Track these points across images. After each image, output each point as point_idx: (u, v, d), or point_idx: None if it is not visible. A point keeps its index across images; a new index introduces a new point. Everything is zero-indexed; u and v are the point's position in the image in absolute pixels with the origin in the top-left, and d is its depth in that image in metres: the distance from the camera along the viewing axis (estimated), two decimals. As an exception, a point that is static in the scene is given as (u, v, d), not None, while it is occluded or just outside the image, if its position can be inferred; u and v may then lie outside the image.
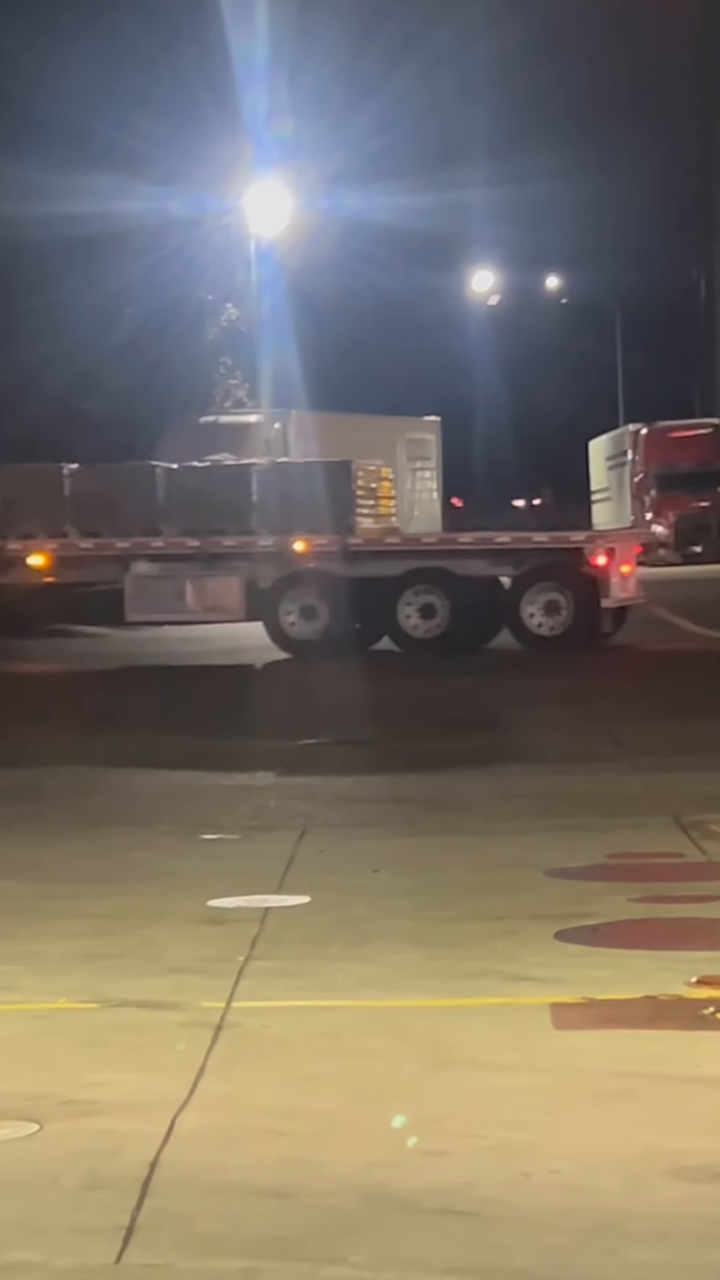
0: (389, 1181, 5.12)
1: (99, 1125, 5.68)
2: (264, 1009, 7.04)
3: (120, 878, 10.04)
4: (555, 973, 7.45)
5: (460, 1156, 5.30)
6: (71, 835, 11.53)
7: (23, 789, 13.74)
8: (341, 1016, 6.94)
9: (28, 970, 7.77)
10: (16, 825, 11.98)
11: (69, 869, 10.33)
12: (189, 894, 9.38)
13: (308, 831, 11.33)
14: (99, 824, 11.96)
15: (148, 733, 17.06)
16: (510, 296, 51.59)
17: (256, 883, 9.62)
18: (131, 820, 12.11)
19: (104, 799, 13.27)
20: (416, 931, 8.35)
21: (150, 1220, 4.86)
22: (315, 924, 8.64)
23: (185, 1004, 7.10)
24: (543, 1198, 4.94)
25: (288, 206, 37.98)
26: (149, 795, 13.45)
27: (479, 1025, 6.75)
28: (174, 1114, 5.72)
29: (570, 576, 23.47)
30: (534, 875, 9.63)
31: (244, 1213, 4.92)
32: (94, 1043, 6.65)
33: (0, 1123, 5.71)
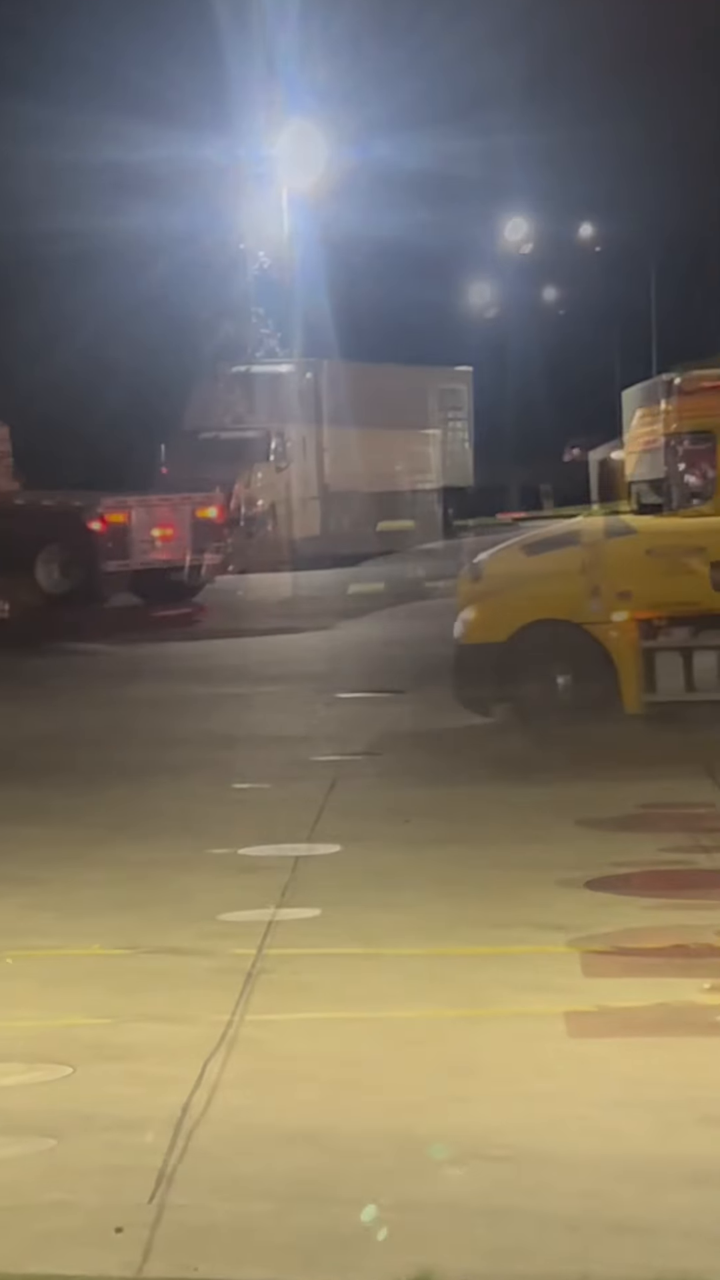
0: (418, 1126, 5.15)
1: (131, 1069, 5.73)
2: (295, 956, 7.08)
3: (154, 826, 10.09)
4: (586, 920, 7.47)
5: (489, 1103, 5.34)
6: (104, 783, 11.58)
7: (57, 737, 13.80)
8: (371, 964, 6.97)
9: (63, 916, 7.83)
10: (53, 772, 12.03)
11: (103, 816, 10.38)
12: (221, 842, 9.42)
13: (338, 780, 11.35)
14: (131, 771, 12.01)
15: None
16: (544, 244, 51.27)
17: (288, 831, 9.66)
18: (162, 767, 12.14)
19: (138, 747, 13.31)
20: (447, 880, 8.38)
21: (184, 1162, 4.90)
22: (346, 873, 8.67)
23: (217, 951, 7.14)
24: (573, 1143, 4.97)
25: (320, 154, 37.76)
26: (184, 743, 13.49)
27: (510, 972, 6.77)
28: (205, 1059, 5.76)
29: (72, 538, 24.37)
30: (564, 824, 9.65)
31: (275, 1155, 4.96)
32: (127, 988, 6.70)
33: (34, 1065, 5.76)
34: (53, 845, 9.46)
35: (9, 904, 8.09)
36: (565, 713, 15.99)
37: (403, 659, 18.40)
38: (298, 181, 37.30)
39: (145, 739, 13.68)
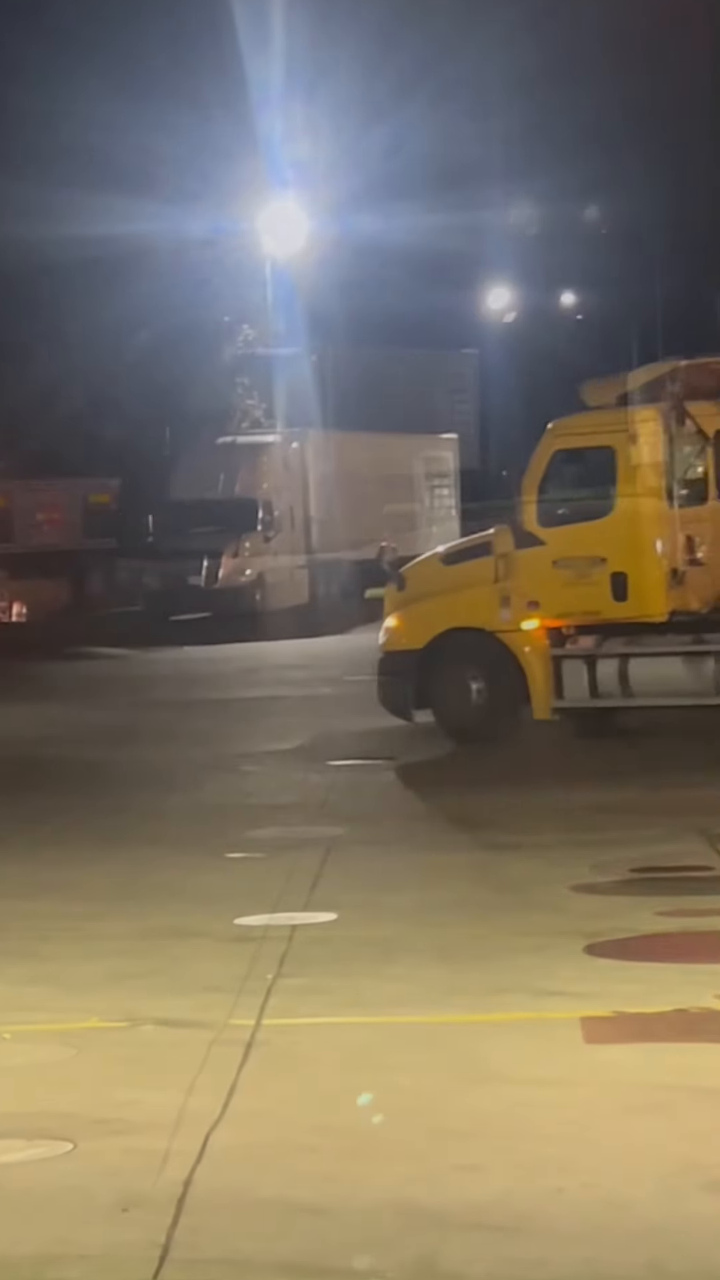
0: (423, 1196, 5.12)
1: (132, 1144, 5.69)
2: (294, 1026, 7.05)
3: (148, 897, 10.06)
4: (585, 987, 7.45)
5: (494, 1171, 5.30)
6: (97, 854, 11.55)
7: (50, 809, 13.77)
8: (371, 1033, 6.95)
9: (58, 990, 7.79)
10: (46, 846, 12.00)
11: (96, 888, 10.34)
12: (216, 913, 9.40)
13: (333, 849, 11.33)
14: (124, 843, 11.98)
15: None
16: (525, 314, 51.65)
17: (283, 900, 9.63)
18: (156, 839, 12.12)
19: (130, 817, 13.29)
20: (445, 948, 8.35)
21: (186, 1238, 4.86)
22: (343, 941, 8.65)
23: (215, 1022, 7.11)
24: (578, 1211, 4.94)
25: (303, 227, 38.08)
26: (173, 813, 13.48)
27: (509, 1040, 6.75)
28: (207, 1132, 5.73)
29: None
30: (561, 890, 9.63)
31: (279, 1229, 4.93)
32: (125, 1061, 6.66)
33: (34, 1141, 5.72)
34: (49, 919, 9.42)
35: (6, 978, 8.06)
36: (480, 719, 16.88)
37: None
38: (281, 253, 37.58)
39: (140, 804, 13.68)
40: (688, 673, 16.72)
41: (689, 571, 16.97)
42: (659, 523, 16.68)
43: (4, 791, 14.91)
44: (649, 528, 16.72)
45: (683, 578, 16.88)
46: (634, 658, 16.68)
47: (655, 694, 16.81)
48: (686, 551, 16.88)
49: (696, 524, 17.02)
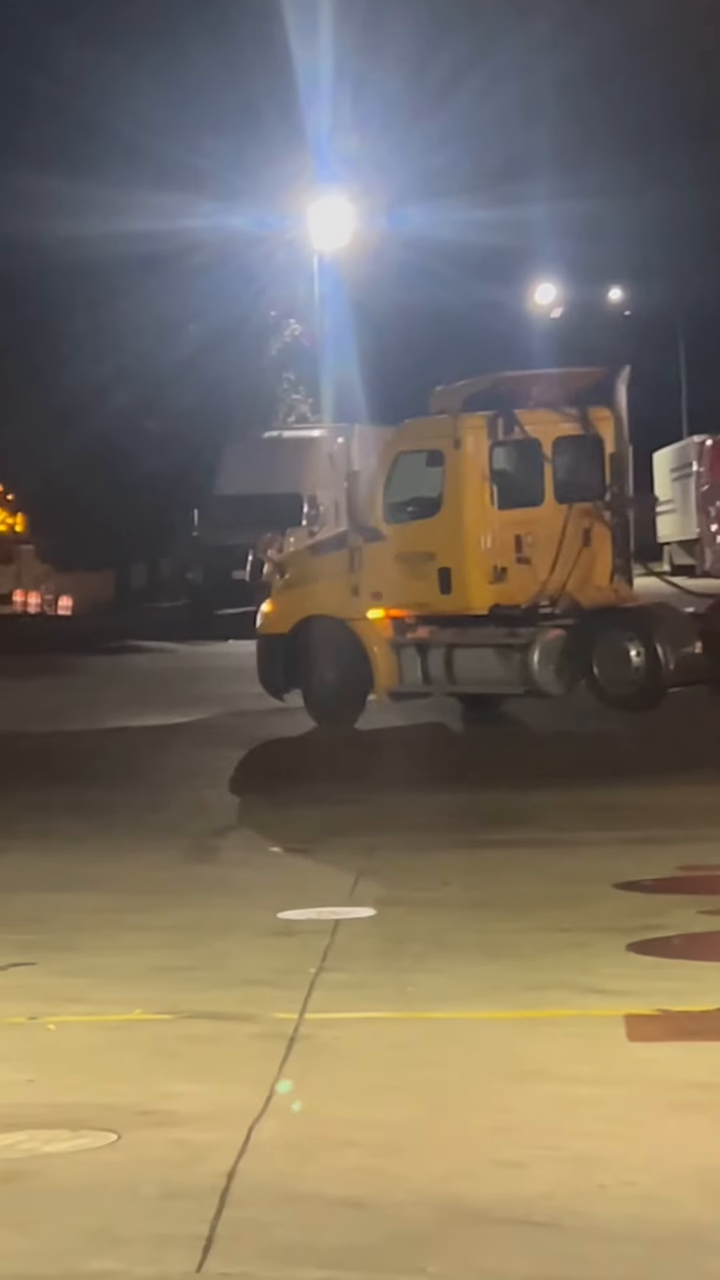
0: (465, 1192, 5.12)
1: (176, 1135, 5.71)
2: (336, 1021, 7.06)
3: (190, 890, 10.10)
4: (628, 984, 7.44)
5: (535, 1168, 5.30)
6: (138, 847, 11.60)
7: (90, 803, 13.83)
8: (413, 1029, 6.95)
9: (101, 982, 7.82)
10: (87, 838, 12.06)
11: (137, 881, 10.39)
12: (258, 906, 9.42)
13: (376, 843, 11.34)
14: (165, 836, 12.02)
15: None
16: (573, 309, 51.52)
17: (326, 895, 9.65)
18: (197, 833, 12.16)
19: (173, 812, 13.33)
20: (488, 944, 8.35)
21: (229, 1230, 4.88)
22: (386, 936, 8.65)
23: (258, 1016, 7.13)
24: (619, 1209, 4.93)
25: (350, 222, 38.07)
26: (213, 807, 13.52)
27: (552, 1037, 6.74)
28: (250, 1124, 5.74)
29: None
30: (604, 887, 9.62)
31: (321, 1223, 4.94)
32: (168, 1053, 6.68)
33: (79, 1132, 5.75)
34: (91, 911, 9.46)
35: (49, 970, 8.10)
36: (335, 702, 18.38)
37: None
38: (328, 248, 37.59)
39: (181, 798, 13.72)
40: (500, 664, 17.98)
41: (514, 569, 18.16)
42: (481, 522, 17.97)
43: (44, 783, 14.99)
44: (471, 527, 18.00)
45: (505, 574, 18.11)
46: (456, 648, 18.03)
47: (474, 683, 18.28)
48: (515, 550, 18.01)
49: (528, 524, 18.19)
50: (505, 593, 18.18)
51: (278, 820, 12.70)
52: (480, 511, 18.12)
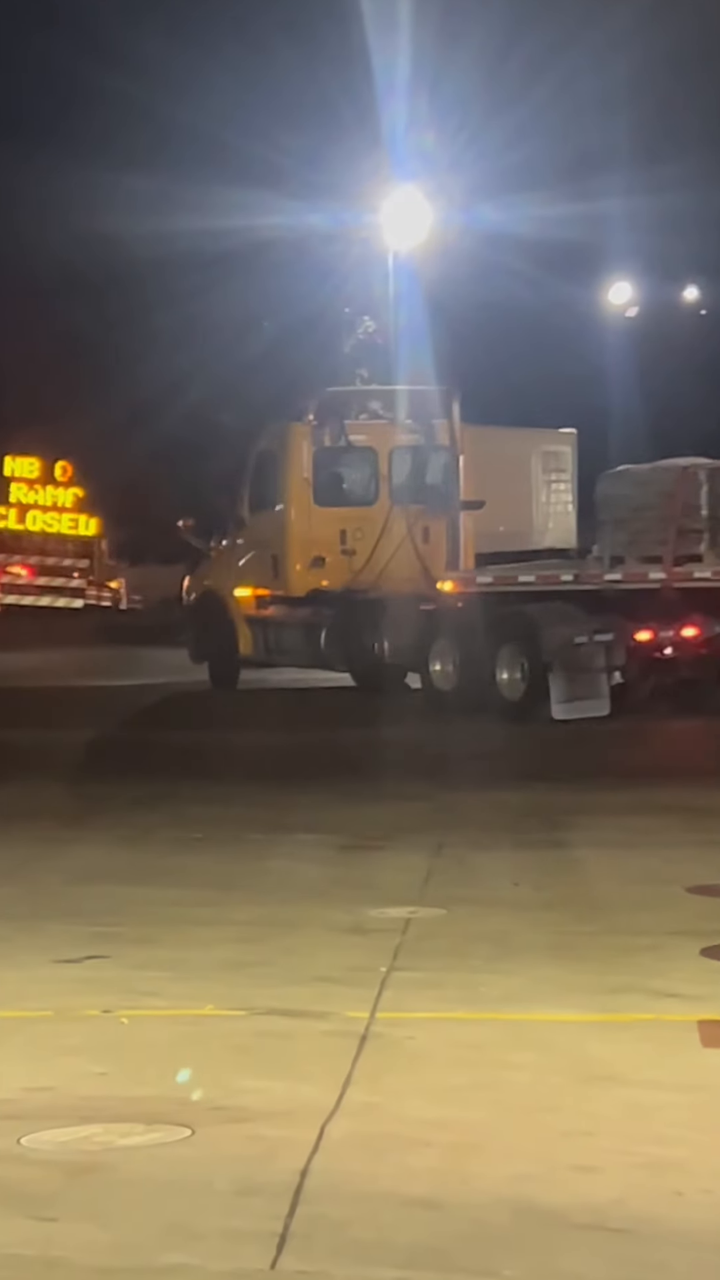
0: (539, 1195, 5.11)
1: (250, 1131, 5.73)
2: (408, 1020, 7.06)
3: (259, 885, 10.13)
4: (701, 989, 7.40)
5: (611, 1173, 5.28)
6: (210, 842, 11.64)
7: (160, 795, 13.90)
8: (486, 1029, 6.94)
9: (174, 977, 7.85)
10: (157, 830, 12.12)
11: (207, 876, 10.43)
12: (329, 903, 9.44)
13: (445, 842, 11.34)
14: (235, 831, 12.07)
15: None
16: (648, 308, 51.23)
17: (396, 893, 9.66)
18: (267, 828, 12.20)
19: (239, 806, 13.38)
20: (558, 945, 8.33)
21: (303, 1227, 4.89)
22: (456, 936, 8.65)
23: (330, 1013, 7.14)
24: (697, 1216, 4.91)
25: (426, 219, 37.99)
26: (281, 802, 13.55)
27: (625, 1041, 6.72)
28: (323, 1122, 5.75)
29: None
30: (676, 890, 9.58)
31: (395, 1222, 4.94)
32: (242, 1049, 6.70)
33: (153, 1126, 5.77)
34: (162, 905, 9.50)
35: (121, 964, 8.13)
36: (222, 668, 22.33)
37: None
38: (403, 245, 37.53)
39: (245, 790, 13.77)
40: (304, 642, 21.22)
41: (336, 559, 21.33)
42: (301, 518, 21.36)
43: (115, 776, 15.08)
44: (294, 521, 21.43)
45: (324, 563, 21.38)
46: (280, 626, 21.53)
47: (289, 657, 21.73)
48: (340, 542, 21.22)
49: (356, 521, 21.39)
50: (324, 579, 21.37)
51: (346, 816, 12.71)
52: (301, 508, 21.44)
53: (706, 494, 18.94)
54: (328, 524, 21.26)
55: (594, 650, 18.60)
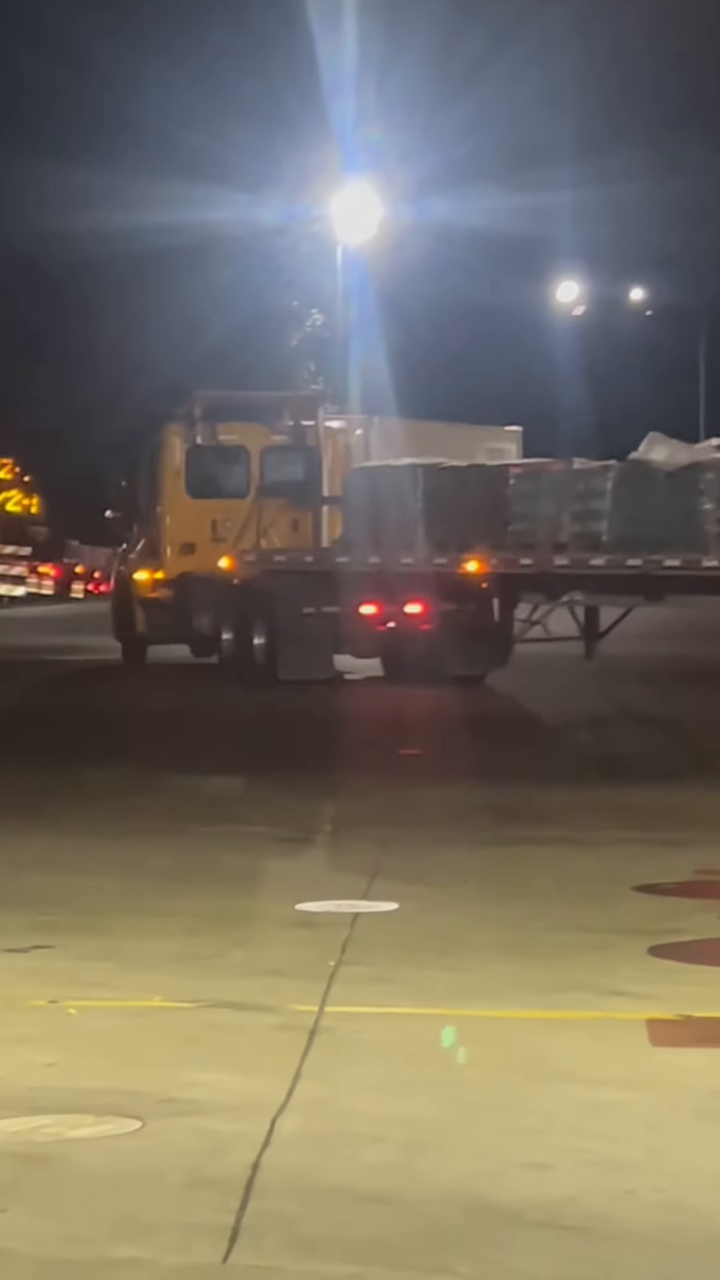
0: (492, 1192, 5.10)
1: (200, 1124, 5.70)
2: (357, 1014, 7.05)
3: (207, 878, 10.09)
4: (649, 988, 7.42)
5: (562, 1170, 5.29)
6: (157, 835, 11.60)
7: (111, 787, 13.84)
8: (436, 1025, 6.94)
9: (122, 968, 7.81)
10: (107, 821, 12.06)
11: (157, 867, 10.39)
12: (278, 896, 9.42)
13: (394, 837, 11.34)
14: (183, 824, 12.03)
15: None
16: (596, 306, 51.42)
17: (344, 888, 9.64)
18: (215, 821, 12.16)
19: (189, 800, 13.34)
20: (508, 942, 8.34)
21: (255, 1221, 4.87)
22: (405, 931, 8.64)
23: (278, 1007, 7.12)
24: (649, 1215, 4.92)
25: (375, 212, 37.99)
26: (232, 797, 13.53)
27: (575, 1039, 6.73)
28: (273, 1116, 5.73)
29: None
30: (623, 889, 9.61)
31: (348, 1218, 4.93)
32: (190, 1041, 6.68)
33: (103, 1118, 5.74)
34: (111, 895, 9.46)
35: (67, 954, 8.09)
36: (132, 644, 25.77)
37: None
38: (352, 239, 37.52)
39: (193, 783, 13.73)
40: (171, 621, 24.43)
41: (206, 545, 24.10)
42: (173, 509, 24.46)
43: (67, 768, 15.01)
44: (167, 513, 24.56)
45: (193, 549, 24.33)
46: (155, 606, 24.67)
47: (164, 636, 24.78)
48: (211, 531, 24.14)
49: (227, 512, 24.32)
50: (194, 564, 24.20)
51: (293, 810, 12.69)
52: (173, 500, 24.46)
53: (423, 491, 21.52)
54: (199, 514, 24.26)
55: (320, 621, 21.83)
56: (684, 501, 17.94)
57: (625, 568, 18.60)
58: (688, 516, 17.86)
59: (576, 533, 19.21)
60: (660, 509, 18.17)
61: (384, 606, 21.94)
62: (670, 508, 18.06)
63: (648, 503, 18.35)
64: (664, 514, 18.12)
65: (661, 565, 18.22)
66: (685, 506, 17.91)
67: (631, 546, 18.44)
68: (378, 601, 21.94)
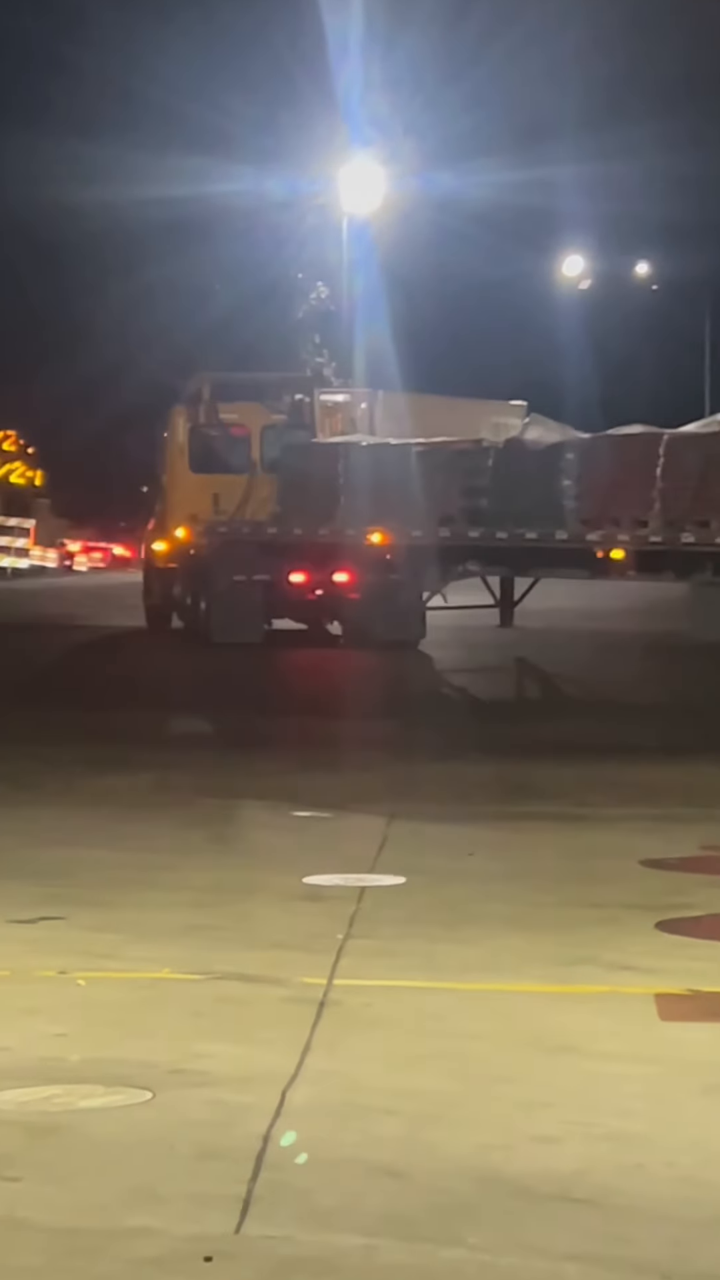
0: (503, 1165, 5.12)
1: (210, 1096, 5.72)
2: (365, 987, 7.06)
3: (214, 851, 10.11)
4: (657, 962, 7.44)
5: (572, 1144, 5.30)
6: (161, 808, 11.62)
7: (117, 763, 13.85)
8: (444, 998, 6.95)
9: (130, 940, 7.83)
10: (114, 793, 12.08)
11: (164, 840, 10.41)
12: (285, 870, 9.43)
13: (400, 812, 11.35)
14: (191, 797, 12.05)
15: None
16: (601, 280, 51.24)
17: (350, 861, 9.66)
18: (222, 794, 12.18)
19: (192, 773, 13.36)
20: (515, 916, 8.35)
21: (267, 1192, 4.88)
22: (412, 905, 8.66)
23: (286, 979, 7.14)
24: (659, 1189, 4.93)
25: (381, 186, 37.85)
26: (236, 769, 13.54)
27: (583, 1013, 6.74)
28: (283, 1088, 5.75)
29: None
30: (629, 863, 9.62)
31: (360, 1189, 4.94)
32: (200, 1014, 6.69)
33: (114, 1089, 5.76)
34: (119, 868, 9.48)
35: (76, 926, 8.11)
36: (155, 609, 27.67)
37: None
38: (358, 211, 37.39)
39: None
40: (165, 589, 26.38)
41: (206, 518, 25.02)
42: (177, 483, 25.96)
43: (72, 742, 15.02)
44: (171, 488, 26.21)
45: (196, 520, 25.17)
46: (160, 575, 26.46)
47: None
48: (213, 505, 25.18)
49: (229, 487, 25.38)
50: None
51: (299, 784, 12.70)
52: (178, 475, 25.95)
53: (344, 467, 22.85)
54: (202, 489, 25.45)
55: (251, 588, 23.54)
56: (548, 479, 19.65)
57: (495, 540, 20.61)
58: (549, 493, 19.59)
59: (463, 507, 20.88)
60: (530, 486, 19.89)
61: (312, 575, 23.57)
62: (537, 485, 19.75)
63: (520, 480, 20.12)
64: (533, 491, 19.84)
65: (523, 538, 20.00)
66: (548, 484, 19.63)
67: (503, 521, 20.19)
68: (306, 570, 23.59)
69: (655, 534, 18.50)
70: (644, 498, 18.49)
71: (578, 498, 19.46)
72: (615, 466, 19.13)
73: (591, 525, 19.30)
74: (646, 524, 18.54)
